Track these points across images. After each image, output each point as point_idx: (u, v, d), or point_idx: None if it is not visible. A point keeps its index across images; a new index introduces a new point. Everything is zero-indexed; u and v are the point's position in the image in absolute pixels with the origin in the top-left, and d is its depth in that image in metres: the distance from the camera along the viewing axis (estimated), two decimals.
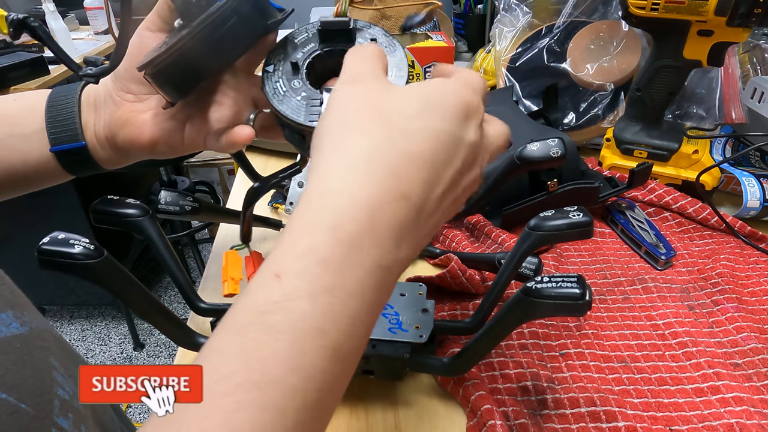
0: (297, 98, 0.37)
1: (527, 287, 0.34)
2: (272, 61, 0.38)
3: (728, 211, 0.65)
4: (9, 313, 0.29)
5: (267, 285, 0.22)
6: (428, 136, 0.26)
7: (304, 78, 0.38)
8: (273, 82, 0.37)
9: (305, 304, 0.22)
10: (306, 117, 0.36)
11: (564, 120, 0.81)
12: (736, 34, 0.59)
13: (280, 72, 0.38)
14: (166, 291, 2.15)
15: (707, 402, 0.43)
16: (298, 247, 0.23)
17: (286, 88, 0.37)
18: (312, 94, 0.37)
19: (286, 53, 0.38)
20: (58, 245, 0.35)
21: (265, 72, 0.38)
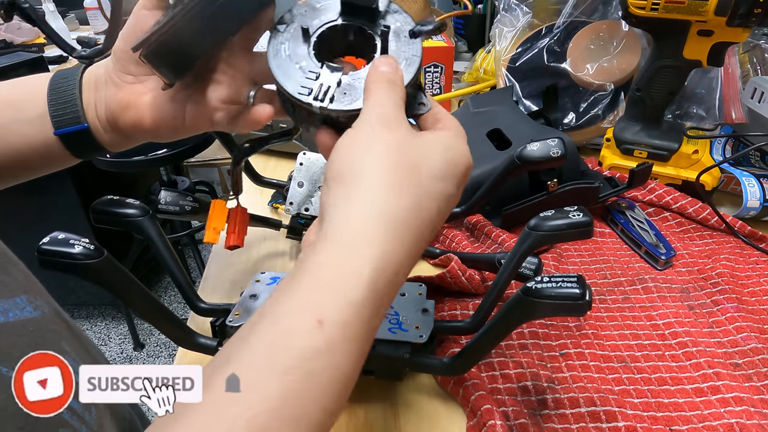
0: (295, 66, 0.36)
1: (527, 287, 0.34)
2: (285, 20, 0.37)
3: (728, 211, 0.65)
4: (23, 297, 0.30)
5: (310, 331, 0.24)
6: (443, 203, 0.29)
7: (311, 47, 0.36)
8: (278, 42, 0.36)
9: (343, 354, 0.24)
10: (295, 87, 0.35)
11: (564, 120, 0.81)
12: (736, 34, 0.59)
13: (289, 34, 0.37)
14: (166, 291, 2.15)
15: (707, 402, 0.43)
16: (338, 297, 0.24)
17: (289, 51, 0.36)
18: (311, 66, 0.36)
19: (301, 15, 0.37)
20: (58, 245, 0.35)
21: (274, 29, 0.37)
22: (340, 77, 0.35)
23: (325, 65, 0.35)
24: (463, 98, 0.97)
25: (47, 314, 0.31)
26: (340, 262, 0.25)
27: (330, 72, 0.35)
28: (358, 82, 0.35)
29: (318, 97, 0.34)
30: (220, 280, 0.62)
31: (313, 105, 0.34)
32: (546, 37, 0.84)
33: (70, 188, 1.60)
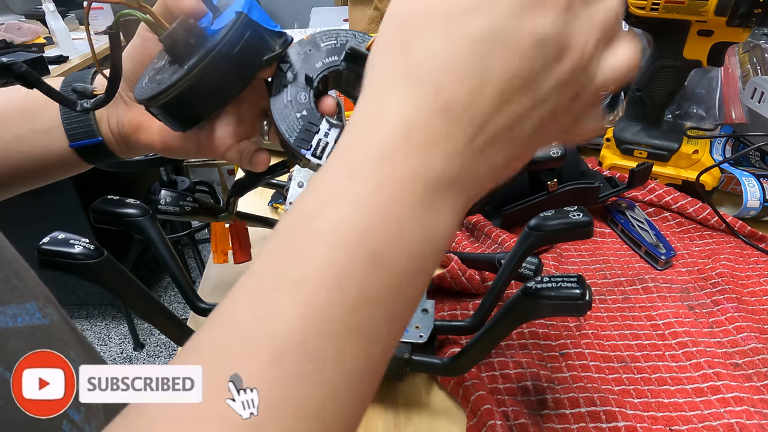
0: (296, 115, 0.35)
1: (527, 287, 0.34)
2: (290, 59, 0.36)
3: (728, 211, 0.65)
4: (33, 303, 0.30)
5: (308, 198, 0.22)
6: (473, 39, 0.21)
7: (311, 95, 0.35)
8: (281, 84, 0.35)
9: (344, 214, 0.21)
10: (297, 141, 0.34)
11: None
12: (736, 34, 0.59)
13: (292, 75, 0.36)
14: (166, 291, 2.15)
15: (707, 402, 0.43)
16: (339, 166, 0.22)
17: (290, 97, 0.35)
18: (312, 118, 0.35)
19: (305, 55, 0.36)
20: (58, 245, 0.35)
21: (278, 69, 0.36)
22: (340, 132, 0.34)
23: (325, 120, 0.35)
24: None
25: (56, 322, 0.31)
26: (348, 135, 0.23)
27: (328, 128, 0.35)
28: None
29: (316, 153, 0.34)
30: (220, 280, 0.62)
31: (311, 162, 0.34)
32: None
33: (70, 188, 1.60)
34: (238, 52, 0.32)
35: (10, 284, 0.30)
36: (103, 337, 1.98)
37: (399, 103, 0.22)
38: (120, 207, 0.44)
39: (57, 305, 0.33)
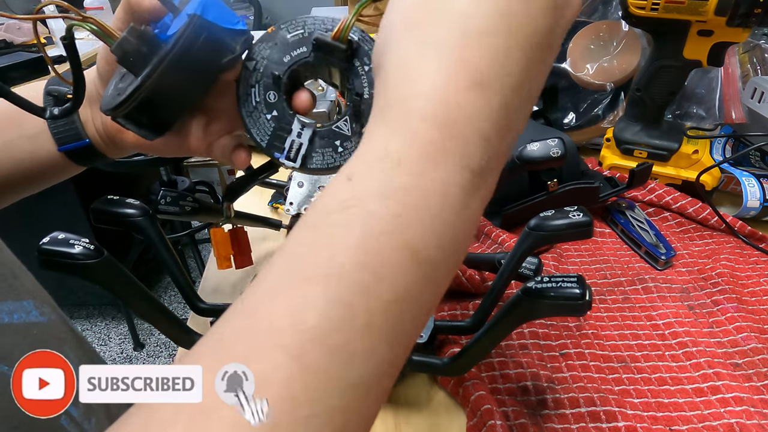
0: (267, 116, 0.33)
1: (527, 287, 0.34)
2: (255, 55, 0.33)
3: (728, 211, 0.65)
4: (30, 302, 0.30)
5: (338, 187, 0.21)
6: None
7: (281, 93, 0.33)
8: (248, 84, 0.33)
9: (376, 204, 0.20)
10: (269, 145, 0.33)
11: (564, 120, 0.81)
12: (736, 34, 0.59)
13: (259, 74, 0.33)
14: (166, 291, 2.15)
15: (707, 402, 0.43)
16: (368, 153, 0.21)
17: (258, 98, 0.33)
18: (283, 119, 0.33)
19: (271, 50, 0.33)
20: (58, 245, 0.35)
21: (243, 69, 0.33)
22: (313, 131, 0.33)
23: (297, 119, 0.33)
24: None
25: (53, 321, 0.31)
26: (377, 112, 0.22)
27: (300, 128, 0.33)
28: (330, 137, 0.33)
29: (290, 156, 0.33)
30: (220, 280, 0.62)
31: (286, 165, 0.33)
32: None
33: (70, 188, 1.60)
34: (192, 57, 0.30)
35: (6, 282, 0.30)
36: (103, 337, 1.98)
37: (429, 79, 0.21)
38: (120, 207, 0.44)
39: (54, 305, 0.33)
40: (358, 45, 0.33)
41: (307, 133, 0.33)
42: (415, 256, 0.20)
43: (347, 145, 0.33)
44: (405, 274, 0.20)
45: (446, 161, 0.21)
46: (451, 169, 0.21)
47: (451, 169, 0.21)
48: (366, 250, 0.19)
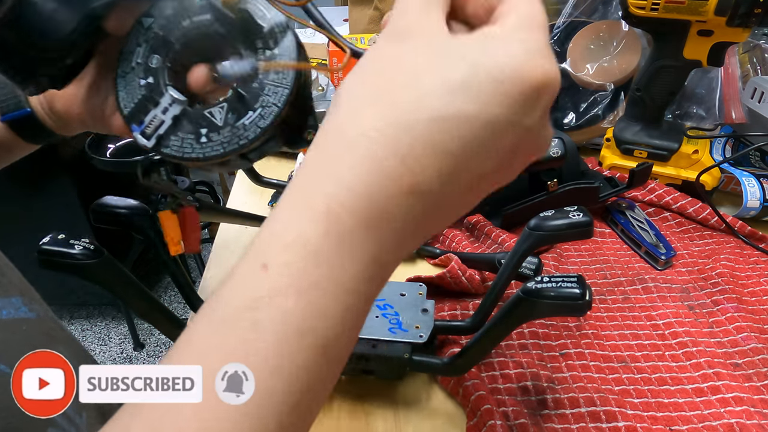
0: (141, 81, 0.29)
1: (527, 287, 0.34)
2: (154, 12, 0.30)
3: (728, 211, 0.65)
4: (18, 298, 0.30)
5: (253, 277, 0.20)
6: (462, 125, 0.20)
7: (167, 59, 0.29)
8: (135, 42, 0.29)
9: (291, 301, 0.19)
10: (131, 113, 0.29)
11: (564, 120, 0.81)
12: (736, 34, 0.59)
13: (151, 33, 0.29)
14: (166, 291, 2.15)
15: (707, 402, 0.43)
16: (287, 235, 0.20)
17: (141, 60, 0.29)
18: (157, 89, 0.29)
19: (175, 9, 0.30)
20: (58, 245, 0.35)
21: (137, 24, 0.30)
22: (183, 110, 0.29)
23: (169, 92, 0.29)
24: None
25: (42, 317, 0.31)
26: (295, 192, 0.21)
27: (169, 102, 0.29)
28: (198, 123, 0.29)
29: (146, 132, 0.29)
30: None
31: (138, 141, 0.29)
32: None
33: (70, 188, 1.60)
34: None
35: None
36: (103, 337, 1.97)
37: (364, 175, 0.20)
38: (120, 207, 0.44)
39: (42, 302, 0.33)
40: (250, 18, 0.28)
41: (174, 111, 0.29)
42: (325, 353, 0.20)
43: (213, 137, 0.29)
44: (316, 372, 0.20)
45: (362, 256, 0.20)
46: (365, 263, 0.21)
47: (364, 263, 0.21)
48: (280, 354, 0.19)
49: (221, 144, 0.29)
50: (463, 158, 0.20)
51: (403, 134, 0.20)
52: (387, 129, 0.20)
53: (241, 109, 0.29)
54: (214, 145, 0.29)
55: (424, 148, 0.20)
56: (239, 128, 0.29)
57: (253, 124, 0.29)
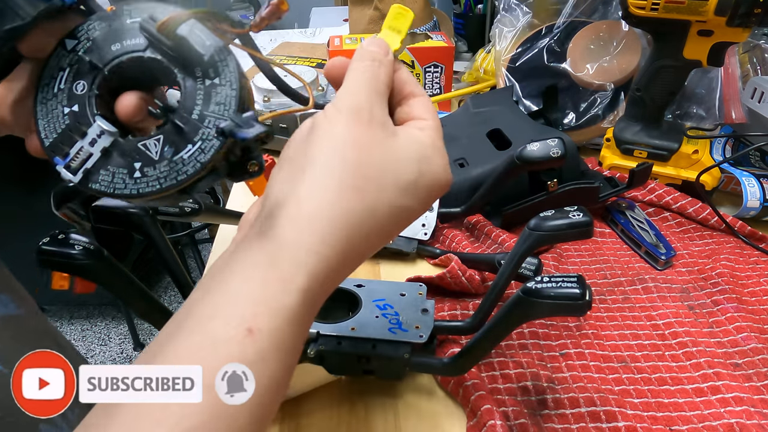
0: (64, 109, 0.27)
1: (527, 287, 0.34)
2: (80, 34, 0.28)
3: (728, 211, 0.65)
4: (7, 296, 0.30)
5: (240, 341, 0.22)
6: (402, 218, 0.26)
7: (93, 86, 0.27)
8: (57, 66, 0.27)
9: (276, 363, 0.22)
10: (53, 145, 0.26)
11: (564, 120, 0.81)
12: (736, 34, 0.59)
13: (75, 57, 0.27)
14: (166, 291, 2.15)
15: (707, 402, 0.43)
16: (272, 302, 0.23)
17: (63, 85, 0.27)
18: (83, 118, 0.27)
19: (104, 31, 0.28)
20: (58, 245, 0.35)
21: (59, 46, 0.28)
22: (113, 142, 0.27)
23: (98, 121, 0.27)
24: (463, 98, 0.97)
25: (30, 314, 0.32)
26: (277, 265, 0.23)
27: (98, 133, 0.27)
28: (131, 156, 0.26)
29: (71, 167, 0.26)
30: None
31: (62, 175, 0.27)
32: (546, 37, 0.84)
33: None
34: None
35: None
36: (103, 337, 1.97)
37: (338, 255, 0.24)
38: (120, 207, 0.44)
39: (29, 298, 0.33)
40: (188, 45, 0.27)
41: (104, 142, 0.27)
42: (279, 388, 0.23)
43: (148, 171, 0.27)
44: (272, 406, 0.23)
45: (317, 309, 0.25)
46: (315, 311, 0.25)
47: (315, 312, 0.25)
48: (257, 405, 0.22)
49: (157, 179, 0.27)
50: (389, 233, 0.26)
51: (367, 220, 0.25)
52: (354, 217, 0.24)
53: (179, 142, 0.27)
54: (150, 180, 0.27)
55: (376, 233, 0.25)
56: (177, 162, 0.26)
57: (193, 159, 0.26)
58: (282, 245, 0.23)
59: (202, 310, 0.23)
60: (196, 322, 0.23)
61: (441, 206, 0.63)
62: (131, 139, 0.27)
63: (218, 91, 0.27)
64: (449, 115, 0.79)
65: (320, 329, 0.43)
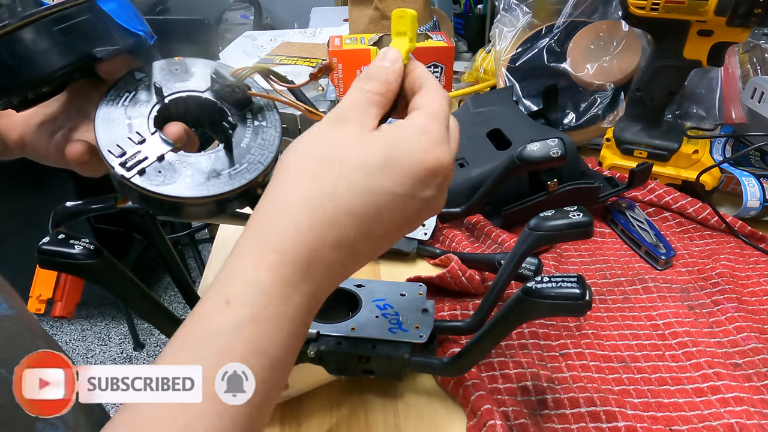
0: (126, 120, 0.31)
1: (527, 287, 0.34)
2: (148, 70, 0.34)
3: (728, 211, 0.65)
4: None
5: (219, 310, 0.25)
6: (376, 197, 0.27)
7: (155, 108, 0.33)
8: (124, 88, 0.32)
9: (253, 329, 0.25)
10: (108, 144, 0.30)
11: (564, 120, 0.81)
12: (736, 34, 0.59)
13: (143, 85, 0.33)
14: (166, 291, 2.15)
15: (707, 402, 0.43)
16: (246, 276, 0.26)
17: (128, 102, 0.32)
18: (142, 127, 0.32)
19: (169, 73, 0.34)
20: (58, 245, 0.35)
21: (128, 75, 0.33)
22: (166, 152, 0.31)
23: (158, 133, 0.32)
24: (463, 98, 0.97)
25: (21, 314, 0.32)
26: (252, 239, 0.27)
27: (159, 142, 0.31)
28: (182, 166, 0.31)
29: (126, 163, 0.30)
30: None
31: (114, 169, 0.30)
32: (546, 37, 0.84)
33: (70, 188, 1.60)
34: (63, 29, 0.30)
35: None
36: (103, 337, 1.97)
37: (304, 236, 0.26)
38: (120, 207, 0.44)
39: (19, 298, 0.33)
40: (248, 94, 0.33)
41: (160, 150, 0.31)
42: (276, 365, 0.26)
43: (194, 180, 0.32)
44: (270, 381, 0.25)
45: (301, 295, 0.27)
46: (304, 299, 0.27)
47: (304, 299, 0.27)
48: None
49: (205, 186, 0.31)
50: (375, 221, 0.27)
51: (328, 202, 0.26)
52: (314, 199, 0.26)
53: (227, 162, 0.32)
54: (194, 186, 0.31)
55: (351, 216, 0.26)
56: (222, 176, 0.32)
57: (238, 175, 0.32)
58: (254, 231, 0.27)
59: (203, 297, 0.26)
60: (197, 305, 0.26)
61: None
62: (185, 153, 0.32)
63: (264, 131, 0.34)
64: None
65: (320, 329, 0.43)
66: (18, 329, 0.31)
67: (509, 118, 0.72)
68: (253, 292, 0.25)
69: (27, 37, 0.30)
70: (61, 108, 0.37)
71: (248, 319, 0.25)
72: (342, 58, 0.85)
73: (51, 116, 0.37)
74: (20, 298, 0.33)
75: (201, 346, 0.24)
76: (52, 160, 0.38)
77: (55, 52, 0.31)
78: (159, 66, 0.34)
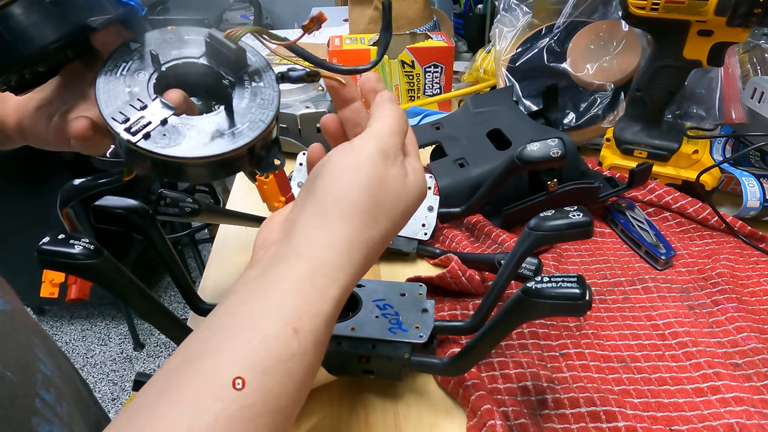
0: (126, 88, 0.32)
1: (527, 287, 0.34)
2: (142, 40, 0.34)
3: (728, 211, 0.65)
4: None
5: (287, 338, 0.26)
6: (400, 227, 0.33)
7: (154, 75, 0.33)
8: (122, 58, 0.33)
9: (313, 355, 0.27)
10: (112, 111, 0.31)
11: (564, 120, 0.81)
12: (736, 34, 0.59)
13: (139, 54, 0.33)
14: (166, 291, 2.15)
15: (707, 402, 0.43)
16: (312, 308, 0.27)
17: (126, 72, 0.32)
18: (143, 94, 0.32)
19: (163, 41, 0.34)
20: (58, 245, 0.35)
21: (123, 45, 0.33)
22: (169, 116, 0.32)
23: (159, 99, 0.32)
24: (463, 98, 0.97)
25: (17, 309, 0.32)
26: (315, 279, 0.28)
27: (160, 107, 0.32)
28: (185, 128, 0.32)
29: (131, 128, 0.31)
30: (220, 280, 0.62)
31: (120, 135, 0.31)
32: (546, 37, 0.84)
33: None
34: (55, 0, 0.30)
35: None
36: (103, 337, 1.97)
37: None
38: (120, 207, 0.44)
39: (15, 294, 0.34)
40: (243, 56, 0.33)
41: (162, 114, 0.32)
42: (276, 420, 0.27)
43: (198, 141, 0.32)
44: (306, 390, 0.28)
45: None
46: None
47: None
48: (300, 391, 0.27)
49: (210, 147, 0.32)
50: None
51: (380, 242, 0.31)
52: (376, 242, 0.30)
53: (228, 123, 0.33)
54: (202, 146, 0.32)
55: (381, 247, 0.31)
56: (225, 136, 0.32)
57: (241, 134, 0.32)
58: (322, 264, 0.28)
59: (248, 313, 0.27)
60: (245, 321, 0.26)
61: (441, 206, 0.63)
62: (187, 116, 0.32)
63: (262, 91, 0.34)
64: (449, 115, 0.79)
65: None
66: (13, 324, 0.31)
67: (509, 118, 0.72)
68: (317, 323, 0.28)
69: (19, 10, 0.30)
70: (56, 91, 0.37)
71: (312, 348, 0.27)
72: (342, 58, 0.85)
73: (47, 99, 0.37)
74: (15, 295, 0.34)
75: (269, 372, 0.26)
76: (53, 144, 0.38)
77: (50, 24, 0.31)
78: (153, 36, 0.35)
